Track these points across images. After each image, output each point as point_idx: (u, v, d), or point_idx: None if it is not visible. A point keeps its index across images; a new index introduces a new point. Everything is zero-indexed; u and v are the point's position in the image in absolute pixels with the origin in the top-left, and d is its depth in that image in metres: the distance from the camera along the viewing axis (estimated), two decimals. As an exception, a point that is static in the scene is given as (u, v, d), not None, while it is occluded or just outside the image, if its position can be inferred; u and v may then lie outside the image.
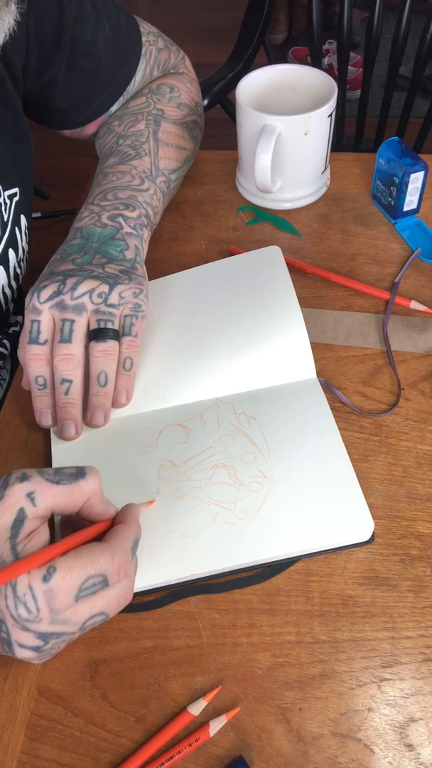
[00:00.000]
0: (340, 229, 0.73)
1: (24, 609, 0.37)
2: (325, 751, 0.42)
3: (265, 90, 0.74)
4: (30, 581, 0.37)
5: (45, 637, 0.38)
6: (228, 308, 0.61)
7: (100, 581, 0.39)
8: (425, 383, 0.59)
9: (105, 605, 0.39)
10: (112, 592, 0.40)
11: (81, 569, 0.38)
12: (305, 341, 0.58)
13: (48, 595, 0.37)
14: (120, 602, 0.41)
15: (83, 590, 0.38)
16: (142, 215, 0.62)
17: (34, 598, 0.37)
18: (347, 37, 1.13)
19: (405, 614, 0.47)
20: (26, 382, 0.55)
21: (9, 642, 0.38)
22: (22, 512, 0.39)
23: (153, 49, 0.74)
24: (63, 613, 0.38)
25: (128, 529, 0.42)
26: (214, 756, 0.43)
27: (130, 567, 0.41)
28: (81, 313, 0.53)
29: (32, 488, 0.39)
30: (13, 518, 0.38)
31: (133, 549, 0.41)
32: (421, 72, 1.14)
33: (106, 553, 0.39)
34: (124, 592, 0.41)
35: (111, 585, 0.39)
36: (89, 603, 0.39)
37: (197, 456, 0.53)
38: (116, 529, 0.42)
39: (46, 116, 0.71)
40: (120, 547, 0.40)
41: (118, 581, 0.40)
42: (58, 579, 0.37)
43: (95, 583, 0.38)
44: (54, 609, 0.37)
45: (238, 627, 0.47)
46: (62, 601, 0.37)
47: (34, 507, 0.39)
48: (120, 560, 0.39)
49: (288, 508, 0.50)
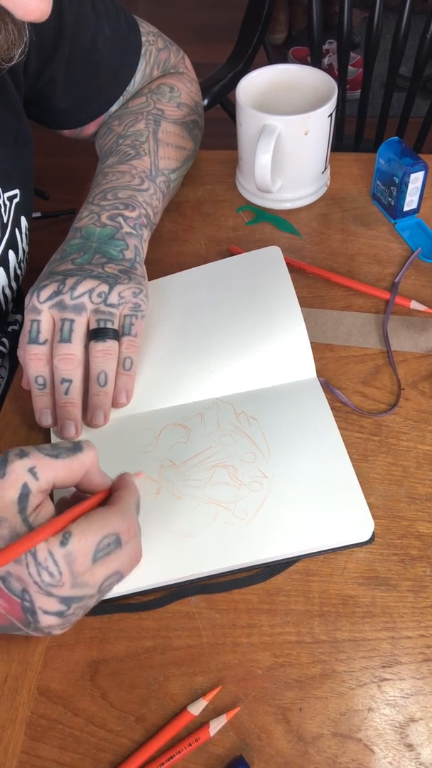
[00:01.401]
0: (340, 229, 0.72)
1: (47, 574, 0.38)
2: (325, 751, 0.42)
3: (265, 90, 0.74)
4: (49, 547, 0.38)
5: (68, 601, 0.39)
6: (228, 308, 0.61)
7: (113, 540, 0.40)
8: (425, 383, 0.59)
9: (119, 564, 0.41)
10: (125, 551, 0.41)
11: (95, 531, 0.39)
12: (305, 341, 0.58)
13: (68, 558, 0.38)
14: (132, 562, 0.42)
15: (99, 551, 0.39)
16: (141, 215, 0.62)
17: (56, 562, 0.38)
18: (347, 37, 1.13)
19: (405, 614, 0.47)
20: (26, 382, 0.55)
21: (33, 610, 0.39)
22: (26, 487, 0.39)
23: (153, 49, 0.74)
24: (82, 576, 0.39)
25: (129, 493, 0.43)
26: (214, 756, 0.43)
27: (136, 527, 0.42)
28: (81, 312, 0.53)
29: (33, 463, 0.40)
30: (18, 493, 0.39)
31: (136, 510, 0.43)
32: (421, 72, 1.14)
33: (116, 514, 0.41)
34: (135, 551, 0.42)
35: (123, 544, 0.40)
36: (105, 564, 0.40)
37: (197, 456, 0.53)
38: (118, 493, 0.43)
39: (45, 116, 0.71)
40: (127, 508, 0.42)
41: (129, 540, 0.41)
42: (75, 542, 0.38)
43: (109, 543, 0.40)
44: (75, 572, 0.38)
45: (238, 627, 0.47)
46: (81, 562, 0.39)
47: (37, 481, 0.40)
48: (129, 520, 0.41)
49: (288, 508, 0.50)
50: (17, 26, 0.44)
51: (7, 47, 0.44)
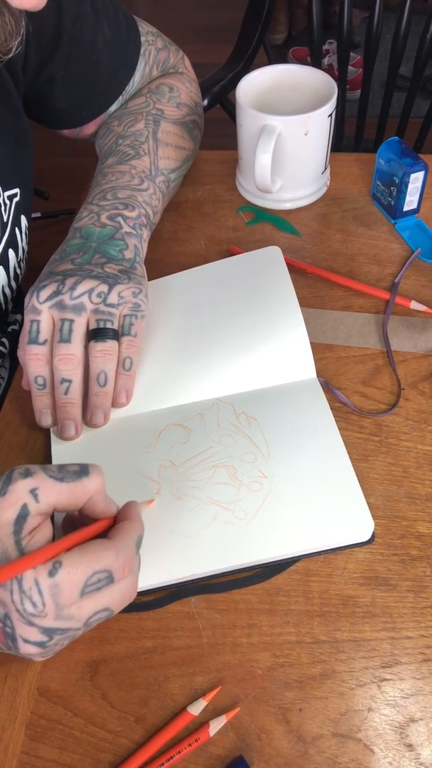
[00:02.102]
0: (340, 229, 0.72)
1: (30, 603, 0.37)
2: (325, 751, 0.42)
3: (265, 90, 0.74)
4: (36, 576, 0.37)
5: (50, 632, 0.38)
6: (228, 308, 0.61)
7: (105, 577, 0.39)
8: (425, 383, 0.59)
9: (109, 601, 0.39)
10: (117, 588, 0.40)
11: (87, 565, 0.38)
12: (305, 341, 0.58)
13: (54, 590, 0.37)
14: (124, 599, 0.40)
15: (88, 586, 0.38)
16: (141, 215, 0.62)
17: (40, 592, 0.37)
18: (347, 37, 1.13)
19: (405, 614, 0.47)
20: (26, 382, 0.55)
21: (13, 637, 0.38)
22: (25, 508, 0.38)
23: (152, 48, 0.74)
24: (68, 609, 0.38)
25: (132, 527, 0.42)
26: (214, 756, 0.43)
27: (134, 564, 0.41)
28: (80, 312, 0.53)
29: (35, 484, 0.39)
30: (16, 514, 0.38)
31: (137, 546, 0.41)
32: (421, 72, 1.14)
33: (111, 549, 0.39)
34: (128, 589, 0.41)
35: (116, 581, 0.39)
36: (94, 599, 0.39)
37: (197, 456, 0.53)
38: (120, 526, 0.42)
39: (45, 116, 0.71)
40: (124, 544, 0.40)
41: (123, 578, 0.40)
42: (64, 574, 0.37)
43: (100, 579, 0.38)
44: (59, 604, 0.37)
45: (238, 627, 0.47)
46: (68, 596, 0.37)
47: (37, 504, 0.39)
48: (125, 557, 0.39)
49: (288, 508, 0.50)
50: (14, 17, 0.44)
51: (4, 38, 0.44)
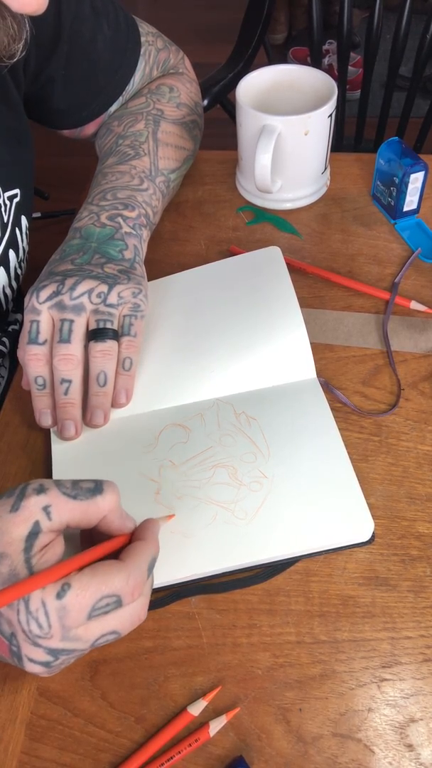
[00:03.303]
0: (340, 229, 0.72)
1: (36, 625, 0.36)
2: (325, 752, 0.42)
3: (265, 90, 0.74)
4: (43, 597, 0.36)
5: (55, 653, 0.38)
6: (228, 308, 0.61)
7: (113, 601, 0.38)
8: (425, 383, 0.59)
9: (117, 624, 0.39)
10: (126, 612, 0.39)
11: (96, 588, 0.37)
12: (305, 341, 0.58)
13: (61, 612, 0.36)
14: (133, 622, 0.40)
15: (96, 609, 0.37)
16: (141, 215, 0.62)
17: (47, 614, 0.36)
18: (347, 37, 1.13)
19: (405, 614, 0.47)
20: (26, 383, 0.55)
21: (19, 656, 0.38)
22: (38, 525, 0.38)
23: (152, 49, 0.74)
24: (74, 631, 0.37)
25: (146, 548, 0.41)
26: (214, 756, 0.43)
27: (145, 587, 0.40)
28: (80, 313, 0.53)
29: (48, 501, 0.38)
30: (27, 531, 0.38)
31: (149, 568, 0.40)
32: (421, 72, 1.14)
33: (122, 572, 0.38)
34: (138, 611, 0.40)
35: (125, 605, 0.39)
36: (102, 622, 0.38)
37: (197, 456, 0.53)
38: (134, 546, 0.41)
39: (45, 116, 0.71)
40: (136, 566, 0.39)
41: (132, 602, 0.39)
42: (72, 597, 0.36)
43: (109, 603, 0.38)
44: (66, 626, 0.37)
45: (238, 627, 0.47)
46: (74, 618, 0.37)
47: (50, 521, 0.38)
48: (135, 581, 0.39)
49: (288, 509, 0.50)
50: (16, 21, 0.44)
51: (7, 42, 0.44)
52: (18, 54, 0.46)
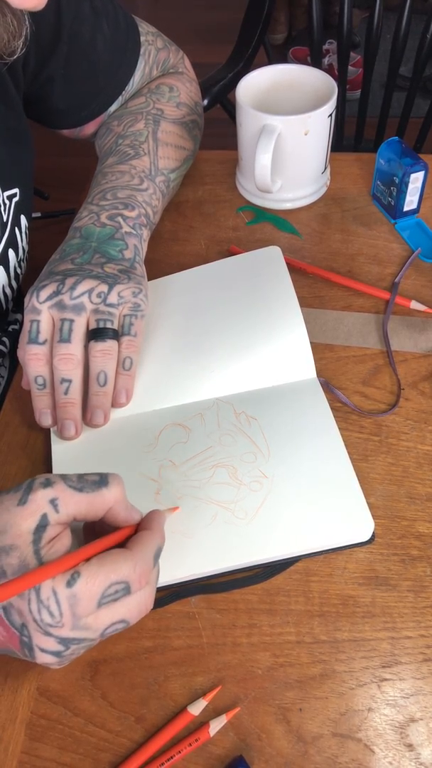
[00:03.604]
0: (340, 229, 0.72)
1: (47, 613, 0.37)
2: (325, 751, 0.42)
3: (265, 90, 0.74)
4: (54, 586, 0.37)
5: (66, 642, 0.38)
6: (228, 308, 0.61)
7: (122, 588, 0.38)
8: (425, 383, 0.59)
9: (126, 612, 0.39)
10: (134, 599, 0.39)
11: (104, 576, 0.38)
12: (305, 341, 0.58)
13: (71, 600, 0.37)
14: (141, 610, 0.40)
15: (105, 597, 0.38)
16: (141, 215, 0.62)
17: (58, 602, 0.37)
18: (347, 37, 1.13)
19: (405, 614, 0.47)
20: (26, 382, 0.55)
21: (30, 646, 0.38)
22: (45, 518, 0.38)
23: (152, 48, 0.74)
24: (85, 619, 0.38)
25: (152, 537, 0.41)
26: (214, 756, 0.43)
27: (152, 575, 0.41)
28: (80, 312, 0.53)
29: (55, 495, 0.39)
30: (36, 524, 0.38)
31: (155, 557, 0.41)
32: (421, 72, 1.14)
33: (129, 560, 0.39)
34: (145, 600, 0.40)
35: (133, 593, 0.39)
36: (111, 610, 0.39)
37: (197, 456, 0.53)
38: (140, 536, 0.41)
39: (45, 116, 0.71)
40: (143, 555, 0.40)
41: (140, 589, 0.39)
42: (82, 585, 0.37)
43: (117, 590, 0.38)
44: (76, 614, 0.37)
45: (238, 627, 0.47)
46: (85, 606, 0.37)
47: (57, 514, 0.39)
48: (142, 568, 0.39)
49: (288, 508, 0.50)
50: (16, 17, 0.44)
51: (7, 39, 0.44)
52: (18, 51, 0.46)
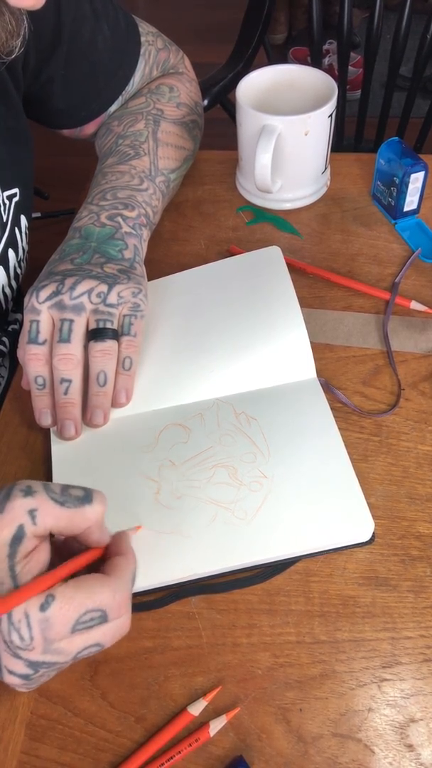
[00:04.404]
0: (340, 229, 0.72)
1: (17, 636, 0.36)
2: (326, 752, 0.42)
3: (265, 90, 0.74)
4: (27, 608, 0.35)
5: (35, 666, 0.37)
6: (228, 308, 0.61)
7: (98, 616, 0.37)
8: (425, 383, 0.59)
9: (100, 637, 0.38)
10: (110, 627, 0.38)
11: (80, 602, 0.36)
12: (305, 341, 0.58)
13: (43, 625, 0.36)
14: (116, 635, 0.39)
15: (80, 623, 0.37)
16: (141, 215, 0.62)
17: (29, 626, 0.35)
18: (347, 37, 1.13)
19: (405, 614, 0.47)
20: (26, 382, 0.55)
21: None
22: (22, 530, 0.37)
23: (152, 49, 0.74)
24: (57, 644, 0.36)
25: (128, 563, 0.40)
26: (214, 756, 0.43)
27: (128, 601, 0.39)
28: (80, 312, 0.53)
29: (35, 505, 0.37)
30: (11, 535, 0.37)
31: (132, 582, 0.40)
32: (421, 72, 1.14)
33: (108, 588, 0.37)
34: (122, 625, 0.39)
35: (110, 620, 0.38)
36: (85, 636, 0.37)
37: (197, 456, 0.53)
38: (116, 562, 0.40)
39: (45, 116, 0.71)
40: (122, 582, 0.39)
41: (117, 617, 0.38)
42: (56, 609, 0.36)
43: (93, 617, 0.37)
44: (48, 639, 0.36)
45: (238, 627, 0.47)
46: (57, 631, 0.36)
47: (35, 526, 0.37)
48: (121, 596, 0.38)
49: (288, 509, 0.50)
50: (15, 16, 0.44)
51: (5, 38, 0.44)
52: (16, 50, 0.45)
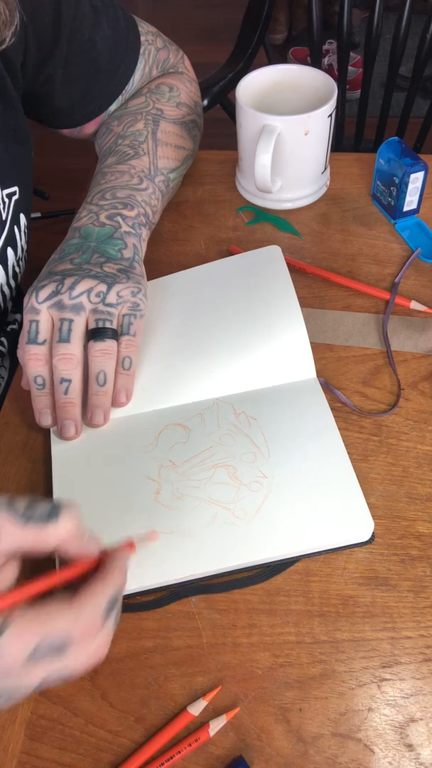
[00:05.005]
0: (340, 229, 0.72)
1: None
2: (325, 751, 0.42)
3: (265, 90, 0.74)
4: None
5: None
6: (228, 308, 0.61)
7: (58, 645, 0.34)
8: (425, 383, 0.59)
9: (62, 667, 0.35)
10: (73, 655, 0.35)
11: (34, 631, 0.34)
12: (305, 341, 0.58)
13: None
14: (88, 661, 0.36)
15: (38, 651, 0.34)
16: (140, 214, 0.62)
17: None
18: (347, 37, 1.13)
19: (405, 614, 0.47)
20: (25, 382, 0.55)
21: None
22: None
23: (152, 48, 0.74)
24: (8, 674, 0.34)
25: (103, 587, 0.37)
26: (214, 756, 0.43)
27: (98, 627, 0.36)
28: (79, 312, 0.53)
29: None
30: None
31: (107, 607, 0.37)
32: (421, 72, 1.14)
33: (69, 614, 0.35)
34: (94, 651, 0.36)
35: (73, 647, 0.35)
36: (44, 666, 0.34)
37: (197, 456, 0.53)
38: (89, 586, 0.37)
39: (44, 115, 0.71)
40: (89, 607, 0.35)
41: (83, 643, 0.35)
42: (8, 638, 0.33)
43: (52, 647, 0.34)
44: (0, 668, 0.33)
45: (238, 627, 0.47)
46: (10, 662, 0.33)
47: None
48: (86, 623, 0.35)
49: (288, 508, 0.50)
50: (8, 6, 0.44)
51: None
52: (8, 41, 0.45)
